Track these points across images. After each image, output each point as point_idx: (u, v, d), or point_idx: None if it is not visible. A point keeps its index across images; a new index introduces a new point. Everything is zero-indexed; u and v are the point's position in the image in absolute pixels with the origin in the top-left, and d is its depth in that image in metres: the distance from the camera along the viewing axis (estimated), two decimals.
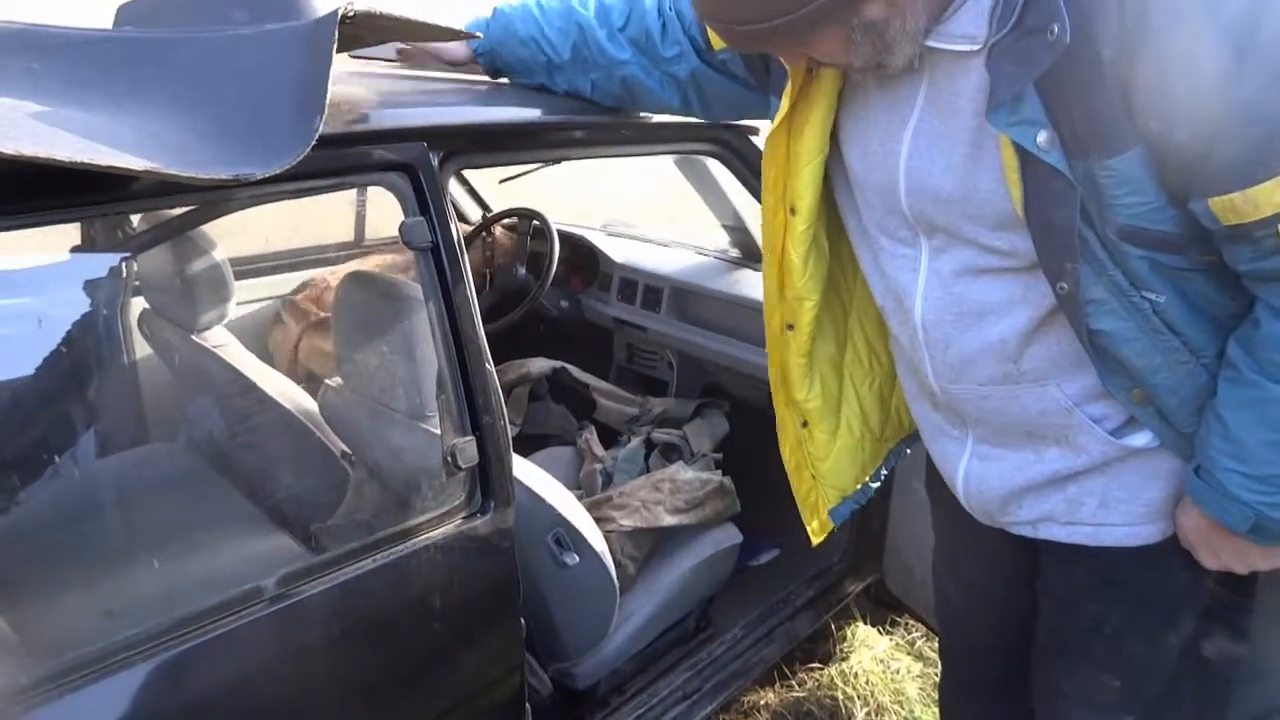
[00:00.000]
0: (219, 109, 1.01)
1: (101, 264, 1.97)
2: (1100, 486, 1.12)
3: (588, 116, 1.50)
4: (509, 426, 1.31)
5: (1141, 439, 1.07)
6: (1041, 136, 0.90)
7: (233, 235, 1.94)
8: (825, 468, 1.39)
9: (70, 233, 1.92)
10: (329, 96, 1.01)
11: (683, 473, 2.09)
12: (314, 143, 0.98)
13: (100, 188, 0.98)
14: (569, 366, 2.65)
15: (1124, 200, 0.91)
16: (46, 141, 0.82)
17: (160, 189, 1.02)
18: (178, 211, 1.62)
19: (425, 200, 1.24)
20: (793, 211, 1.18)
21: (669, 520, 1.96)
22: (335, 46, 1.02)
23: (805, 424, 1.36)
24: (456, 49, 1.54)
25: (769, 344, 1.34)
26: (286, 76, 1.03)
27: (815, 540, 1.47)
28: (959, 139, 0.99)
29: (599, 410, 2.60)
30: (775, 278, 1.26)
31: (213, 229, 1.84)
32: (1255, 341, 0.94)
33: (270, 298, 2.34)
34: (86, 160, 0.82)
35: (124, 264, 1.97)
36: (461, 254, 1.27)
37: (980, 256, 1.04)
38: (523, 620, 1.38)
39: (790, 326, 1.27)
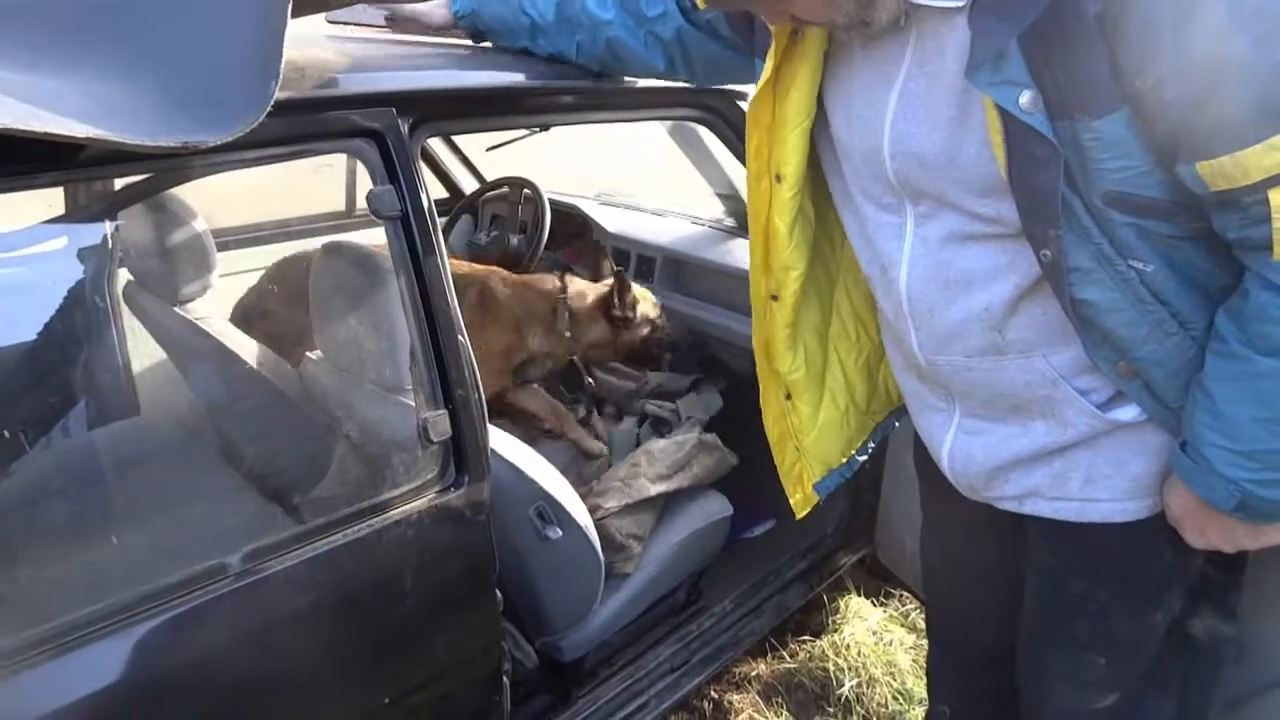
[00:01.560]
0: (171, 74, 0.97)
1: (86, 234, 1.95)
2: (1086, 461, 1.09)
3: (568, 81, 1.46)
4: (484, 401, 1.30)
5: (1129, 413, 1.04)
6: (1024, 97, 0.86)
7: (216, 206, 1.92)
8: (809, 440, 1.36)
9: (53, 200, 1.90)
10: (288, 60, 0.98)
11: (655, 442, 2.07)
12: (269, 108, 0.95)
13: (43, 156, 0.95)
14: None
15: (1109, 164, 0.88)
16: None
17: (111, 157, 0.99)
18: (139, 179, 1.59)
19: (394, 168, 1.21)
20: (778, 179, 1.14)
21: (654, 489, 1.94)
22: (290, 9, 0.98)
23: (789, 396, 1.34)
24: (436, 12, 1.50)
25: (754, 315, 1.31)
26: (241, 40, 0.99)
27: (799, 513, 1.46)
28: (945, 101, 0.95)
29: (600, 385, 2.59)
30: (760, 247, 1.22)
31: (196, 199, 1.81)
32: (1244, 313, 0.91)
33: (255, 269, 2.32)
34: (23, 127, 0.79)
35: (109, 234, 1.95)
36: (433, 223, 1.24)
37: (967, 223, 1.01)
38: (500, 594, 1.36)
39: (775, 297, 1.25)
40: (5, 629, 1.00)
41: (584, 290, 2.31)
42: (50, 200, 1.90)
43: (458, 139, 3.08)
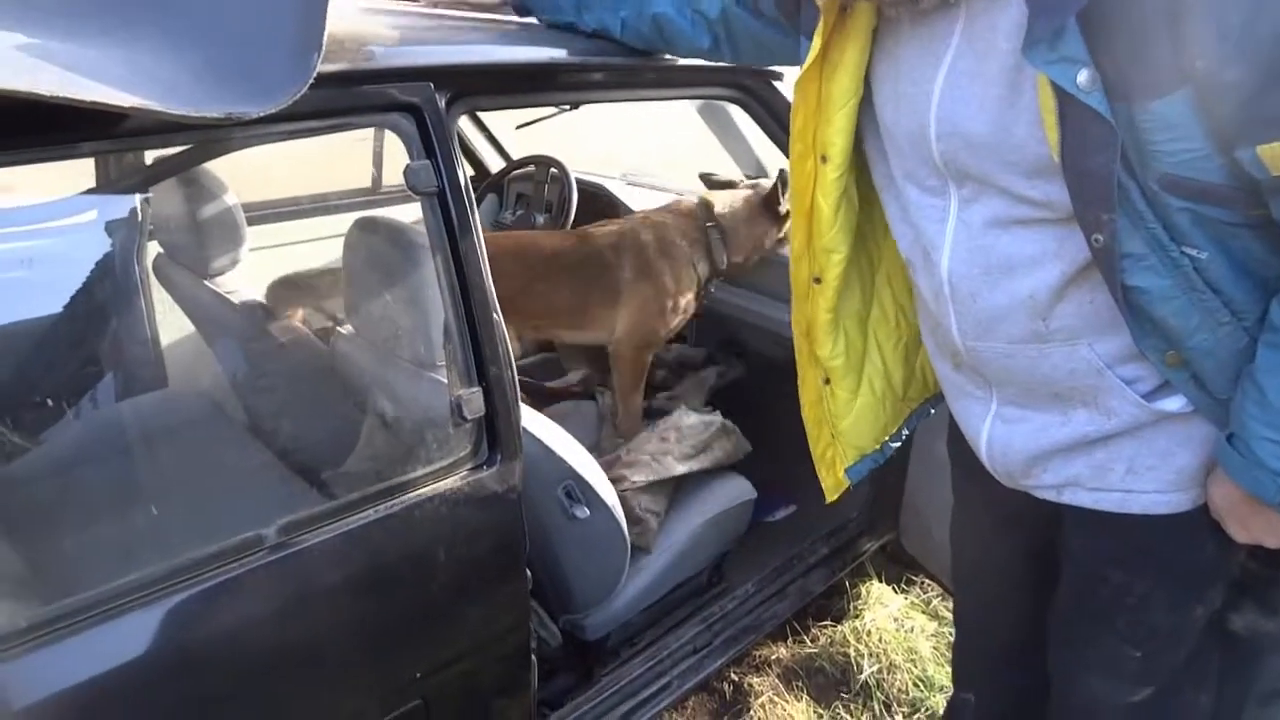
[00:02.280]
0: (213, 44, 0.97)
1: (117, 206, 1.95)
2: (1130, 451, 1.07)
3: (604, 58, 1.44)
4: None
5: (1175, 403, 1.02)
6: (1082, 76, 0.84)
7: (243, 179, 1.92)
8: (845, 425, 1.35)
9: (83, 172, 1.91)
10: (330, 32, 0.97)
11: (685, 418, 2.07)
12: (312, 80, 0.95)
13: (91, 125, 0.95)
14: None
15: (1166, 147, 0.85)
16: (31, 75, 0.79)
17: (153, 128, 0.99)
18: (175, 151, 1.59)
19: (431, 143, 1.20)
20: (824, 159, 1.13)
21: (680, 468, 1.95)
22: None
23: (827, 381, 1.33)
24: None
25: (794, 297, 1.30)
26: (283, 10, 0.98)
27: (830, 498, 1.45)
28: (994, 80, 0.93)
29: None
30: (803, 229, 1.21)
31: (229, 172, 1.81)
32: None
33: (285, 244, 2.32)
34: (70, 95, 0.78)
35: (140, 207, 1.96)
36: (469, 200, 1.23)
37: (1012, 207, 0.99)
38: (530, 572, 1.37)
39: (817, 280, 1.23)
40: (46, 597, 1.01)
41: (731, 200, 2.32)
42: (69, 172, 1.91)
43: (485, 117, 3.07)
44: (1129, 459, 1.07)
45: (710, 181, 2.47)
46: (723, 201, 2.31)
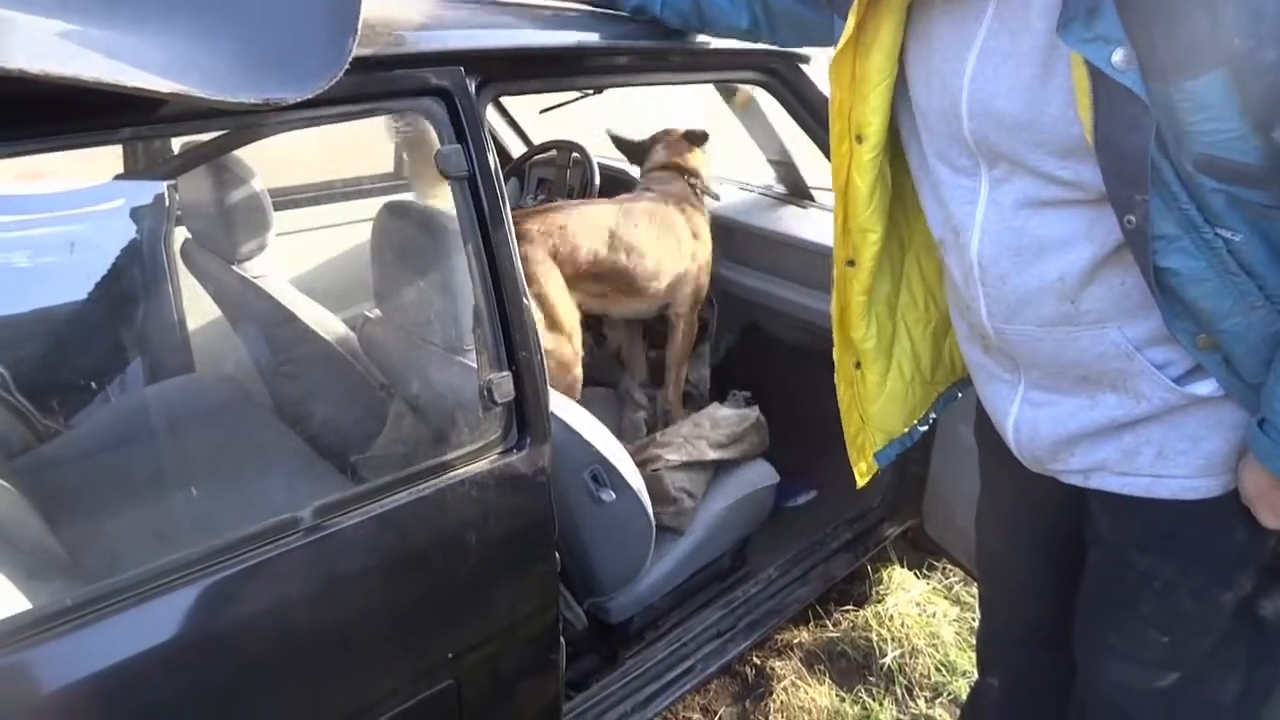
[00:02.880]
0: (249, 30, 0.97)
1: (146, 192, 1.97)
2: (1159, 436, 1.06)
3: (632, 42, 1.44)
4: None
5: (1206, 387, 1.02)
6: (1118, 55, 0.83)
7: (267, 165, 1.93)
8: (874, 410, 1.35)
9: (112, 159, 1.92)
10: (362, 17, 0.97)
11: (720, 410, 2.12)
12: (347, 66, 0.95)
13: (129, 111, 0.96)
14: None
15: (1202, 127, 0.84)
16: (73, 62, 0.80)
17: (189, 113, 0.99)
18: (208, 137, 1.60)
19: (462, 127, 1.20)
20: (859, 139, 1.12)
21: (711, 454, 1.99)
22: None
23: (859, 365, 1.33)
24: None
25: (835, 280, 1.30)
26: None
27: (861, 482, 1.45)
28: (1028, 58, 0.92)
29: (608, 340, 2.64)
30: (840, 209, 1.21)
31: (252, 157, 1.83)
32: None
33: (311, 229, 2.33)
34: (112, 81, 0.79)
35: (167, 192, 1.97)
36: (499, 184, 1.24)
37: (1044, 188, 0.98)
38: (558, 555, 1.38)
39: (851, 263, 1.23)
40: (91, 576, 1.03)
41: (681, 151, 2.46)
42: (103, 158, 1.92)
43: (507, 102, 3.06)
44: (1158, 443, 1.07)
45: (620, 140, 2.58)
46: (680, 153, 2.42)
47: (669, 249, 2.23)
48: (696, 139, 2.48)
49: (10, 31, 0.78)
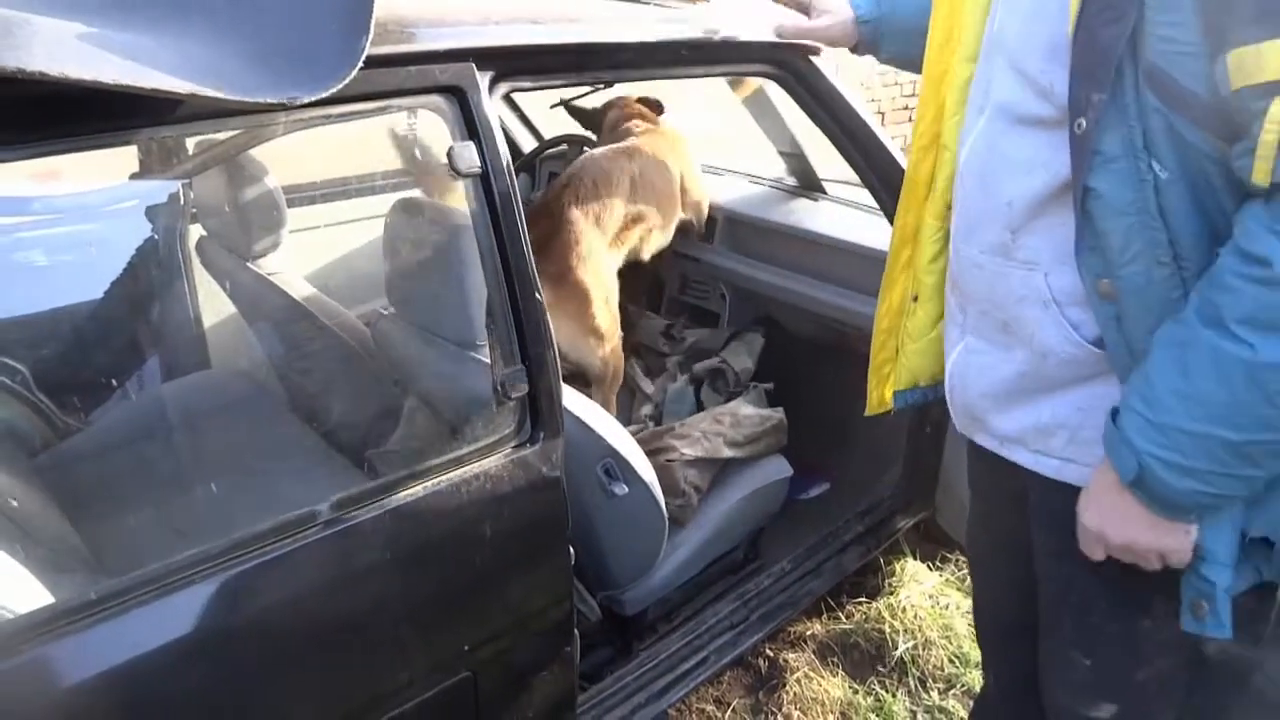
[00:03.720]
0: (263, 30, 0.98)
1: (161, 190, 1.99)
2: (1074, 420, 1.05)
3: (643, 37, 1.44)
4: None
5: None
6: None
7: (278, 162, 1.94)
8: (912, 348, 1.33)
9: (128, 158, 1.94)
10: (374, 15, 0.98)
11: (744, 408, 2.11)
12: (360, 65, 0.96)
13: (145, 111, 0.97)
14: None
15: (1161, 30, 0.84)
16: (92, 64, 0.81)
17: (205, 113, 1.01)
18: (224, 136, 1.61)
19: (474, 124, 1.21)
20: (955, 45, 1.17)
21: (728, 452, 1.99)
22: None
23: (916, 298, 1.30)
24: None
25: (905, 194, 1.29)
26: None
27: (869, 411, 1.42)
28: None
29: (638, 329, 2.63)
30: (932, 121, 1.22)
31: (267, 154, 1.84)
32: (1209, 275, 0.87)
33: (323, 225, 2.34)
34: (131, 83, 0.80)
35: (182, 190, 1.99)
36: (512, 180, 1.24)
37: (1022, 99, 1.00)
38: (571, 548, 1.39)
39: (933, 185, 1.23)
40: (115, 570, 1.05)
41: (642, 110, 2.52)
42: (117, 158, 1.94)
43: (517, 97, 3.06)
44: (1073, 428, 1.05)
45: (575, 108, 2.62)
46: (638, 112, 2.48)
47: (670, 177, 2.35)
48: (652, 105, 2.52)
49: (31, 34, 0.79)
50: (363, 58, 0.95)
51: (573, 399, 1.59)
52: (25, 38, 0.78)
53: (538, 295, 1.26)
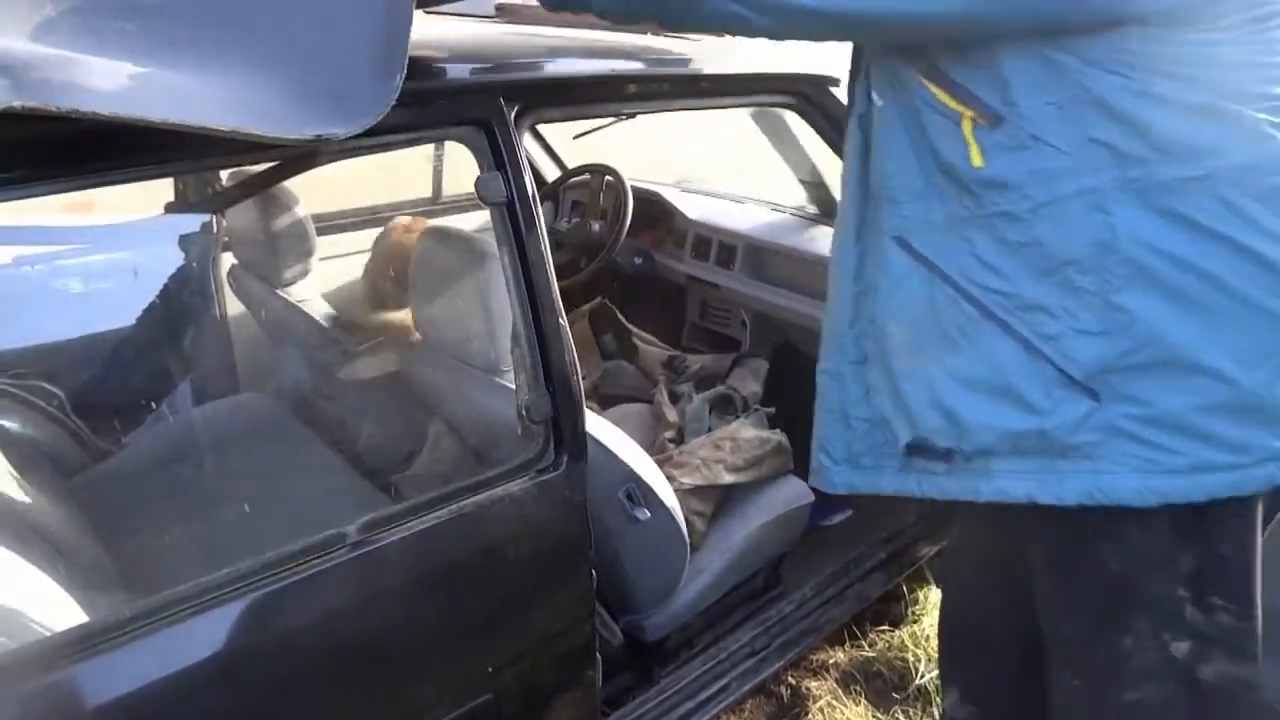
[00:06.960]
0: (301, 68, 1.02)
1: (194, 220, 2.05)
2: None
3: (664, 69, 1.48)
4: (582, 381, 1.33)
5: None
6: None
7: (316, 190, 1.99)
8: None
9: (163, 189, 2.00)
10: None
11: (744, 431, 2.08)
12: (394, 102, 0.99)
13: (185, 146, 1.01)
14: (608, 303, 2.69)
15: None
16: (142, 104, 0.85)
17: (245, 148, 1.04)
18: (261, 169, 1.66)
19: (500, 155, 1.24)
20: None
21: (728, 478, 1.97)
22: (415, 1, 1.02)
23: None
24: None
25: None
26: (366, 33, 1.03)
27: None
28: None
29: (640, 355, 2.65)
30: None
31: (297, 185, 1.89)
32: None
33: (352, 253, 2.39)
34: (177, 121, 0.84)
35: (215, 220, 2.05)
36: (536, 209, 1.27)
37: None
38: (594, 572, 1.40)
39: None
40: (146, 590, 1.07)
41: None
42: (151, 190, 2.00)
43: (542, 127, 3.12)
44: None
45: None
46: None
47: None
48: None
49: (86, 74, 0.83)
50: (396, 95, 0.98)
51: (596, 424, 1.61)
52: (80, 77, 0.82)
53: (561, 320, 1.28)
